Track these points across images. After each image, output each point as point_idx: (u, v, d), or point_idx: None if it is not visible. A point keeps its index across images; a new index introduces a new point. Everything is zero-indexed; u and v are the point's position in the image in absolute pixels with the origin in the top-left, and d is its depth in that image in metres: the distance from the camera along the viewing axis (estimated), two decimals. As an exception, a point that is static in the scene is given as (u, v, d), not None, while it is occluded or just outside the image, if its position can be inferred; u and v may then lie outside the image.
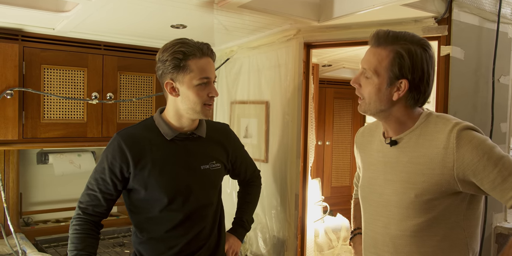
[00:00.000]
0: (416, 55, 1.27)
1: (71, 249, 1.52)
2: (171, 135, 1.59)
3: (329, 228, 3.22)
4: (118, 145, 1.54)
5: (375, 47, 1.32)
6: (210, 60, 1.56)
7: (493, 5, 2.01)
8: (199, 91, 1.53)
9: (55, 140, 2.37)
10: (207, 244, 1.67)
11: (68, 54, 2.38)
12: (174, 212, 1.58)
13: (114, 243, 2.55)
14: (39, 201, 2.70)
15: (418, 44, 1.29)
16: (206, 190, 1.66)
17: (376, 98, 1.32)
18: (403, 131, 1.36)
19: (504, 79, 2.11)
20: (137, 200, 1.59)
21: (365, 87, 1.34)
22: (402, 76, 1.28)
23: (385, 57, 1.29)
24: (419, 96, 1.31)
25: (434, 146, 1.27)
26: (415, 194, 1.29)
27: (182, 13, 1.95)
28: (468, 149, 1.21)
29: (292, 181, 2.28)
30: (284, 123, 2.34)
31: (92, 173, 1.59)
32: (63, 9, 1.95)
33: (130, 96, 2.60)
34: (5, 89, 2.16)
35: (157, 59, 1.58)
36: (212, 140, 1.71)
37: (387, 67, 1.28)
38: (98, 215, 1.58)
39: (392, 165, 1.37)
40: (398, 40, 1.29)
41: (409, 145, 1.33)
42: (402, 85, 1.28)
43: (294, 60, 2.27)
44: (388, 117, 1.36)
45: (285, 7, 1.93)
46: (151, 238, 1.61)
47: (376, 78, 1.30)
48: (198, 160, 1.64)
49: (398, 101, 1.32)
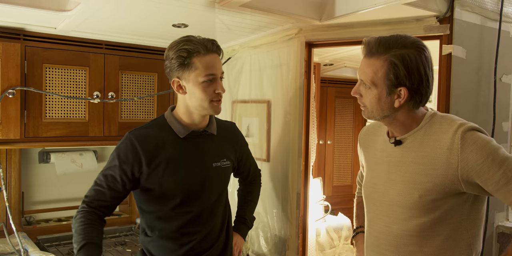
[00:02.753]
0: (411, 60, 1.25)
1: (78, 240, 1.44)
2: (184, 133, 1.60)
3: (331, 227, 3.22)
4: (131, 144, 1.54)
5: (369, 58, 1.31)
6: (216, 56, 1.56)
7: (495, 4, 2.00)
8: (205, 88, 1.53)
9: (57, 139, 2.37)
10: (216, 244, 1.68)
11: (70, 54, 2.39)
12: (186, 209, 1.59)
13: (116, 242, 2.55)
14: (41, 200, 2.70)
15: (411, 48, 1.26)
16: (217, 187, 1.68)
17: (378, 106, 1.32)
18: (407, 131, 1.36)
19: (506, 78, 2.11)
20: (150, 199, 1.59)
21: (366, 97, 1.34)
22: (400, 84, 1.27)
23: (380, 68, 1.27)
24: (421, 99, 1.31)
25: (438, 147, 1.27)
26: (419, 194, 1.29)
27: (183, 12, 1.95)
28: (472, 150, 1.21)
29: (294, 180, 2.28)
30: (285, 122, 2.34)
31: (103, 169, 1.58)
32: (65, 9, 1.95)
33: (131, 95, 2.60)
34: (7, 88, 2.17)
35: (164, 57, 1.58)
36: (223, 138, 1.72)
37: (384, 77, 1.27)
38: (102, 210, 1.57)
39: (396, 165, 1.37)
40: (390, 48, 1.27)
41: (414, 145, 1.33)
42: (401, 92, 1.28)
43: (295, 59, 2.27)
44: (393, 122, 1.36)
45: (287, 6, 1.93)
46: (163, 236, 1.61)
47: (374, 88, 1.30)
48: (210, 158, 1.65)
49: (401, 107, 1.31)
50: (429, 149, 1.29)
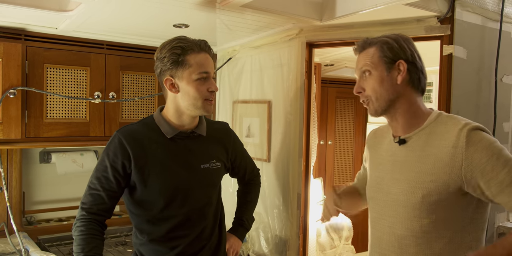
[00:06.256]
0: (398, 40, 1.37)
1: (77, 251, 1.48)
2: (171, 134, 1.58)
3: (331, 228, 3.22)
4: (119, 142, 1.53)
5: (361, 52, 1.43)
6: (208, 55, 1.56)
7: (496, 5, 2.00)
8: (198, 86, 1.52)
9: (58, 139, 2.37)
10: (208, 244, 1.66)
11: (70, 54, 2.39)
12: (174, 212, 1.57)
13: (117, 242, 2.55)
14: (42, 200, 2.71)
15: (397, 36, 1.39)
16: (206, 189, 1.65)
17: (382, 89, 1.35)
18: (412, 130, 1.36)
19: (507, 79, 2.11)
20: (137, 201, 1.58)
21: (368, 86, 1.38)
22: (397, 57, 1.34)
23: (374, 52, 1.38)
24: (419, 75, 1.36)
25: (443, 146, 1.27)
26: (422, 194, 1.29)
27: (184, 13, 1.95)
28: (477, 149, 1.21)
29: (294, 181, 2.28)
30: (286, 122, 2.34)
31: (93, 172, 1.57)
32: (66, 9, 1.95)
33: (132, 96, 2.60)
34: (8, 88, 2.17)
35: (155, 58, 1.57)
36: (212, 139, 1.70)
37: (380, 56, 1.36)
38: (102, 214, 1.56)
39: (400, 164, 1.37)
40: (378, 38, 1.39)
41: (418, 144, 1.34)
42: (401, 66, 1.34)
43: (296, 60, 2.27)
44: (397, 112, 1.37)
45: (288, 7, 1.93)
46: (153, 240, 1.59)
47: (374, 70, 1.36)
48: (198, 159, 1.63)
49: (404, 88, 1.35)
50: (434, 148, 1.29)
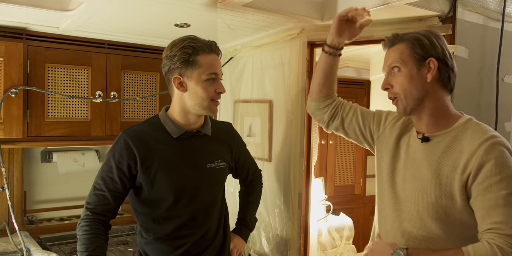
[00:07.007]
0: (430, 37, 1.34)
1: (81, 250, 1.49)
2: (177, 133, 1.59)
3: (332, 227, 3.22)
4: (124, 143, 1.54)
5: (391, 46, 1.39)
6: (217, 57, 1.58)
7: (497, 4, 2.00)
8: (207, 86, 1.53)
9: (59, 139, 2.38)
10: (213, 244, 1.66)
11: (72, 53, 2.39)
12: (180, 211, 1.58)
13: (118, 241, 2.56)
14: (43, 199, 2.71)
15: (428, 32, 1.36)
16: (211, 188, 1.66)
17: (411, 86, 1.33)
18: (437, 130, 1.35)
19: (509, 78, 2.10)
20: (143, 200, 1.59)
21: (397, 82, 1.36)
22: (427, 55, 1.32)
23: (405, 48, 1.35)
24: (449, 74, 1.33)
25: (464, 152, 1.26)
26: (436, 195, 1.28)
27: (186, 12, 1.95)
28: (491, 163, 1.20)
29: (296, 180, 2.28)
30: (287, 122, 2.34)
31: (99, 173, 1.57)
32: (67, 8, 1.95)
33: (134, 95, 2.60)
34: (9, 87, 2.17)
35: (164, 56, 1.57)
36: (217, 139, 1.70)
37: (410, 53, 1.33)
38: (107, 215, 1.57)
39: (419, 161, 1.36)
40: (409, 34, 1.37)
41: (441, 145, 1.32)
42: (431, 64, 1.32)
43: (297, 59, 2.27)
44: (424, 111, 1.35)
45: (289, 6, 1.93)
46: (158, 238, 1.59)
47: (404, 67, 1.34)
48: (204, 159, 1.64)
49: (434, 86, 1.33)
50: (456, 153, 1.28)
